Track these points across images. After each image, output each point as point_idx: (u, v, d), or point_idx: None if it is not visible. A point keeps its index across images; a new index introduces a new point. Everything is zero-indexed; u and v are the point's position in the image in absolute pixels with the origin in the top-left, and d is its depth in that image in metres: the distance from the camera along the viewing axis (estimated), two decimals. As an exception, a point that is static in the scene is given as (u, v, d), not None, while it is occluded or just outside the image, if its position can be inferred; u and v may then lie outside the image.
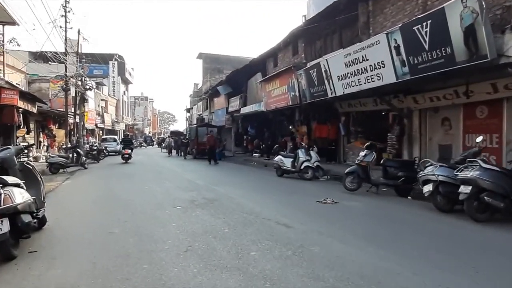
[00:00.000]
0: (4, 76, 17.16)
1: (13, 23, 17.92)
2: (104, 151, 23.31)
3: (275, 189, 9.78)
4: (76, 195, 9.15)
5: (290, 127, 20.25)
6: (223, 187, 9.75)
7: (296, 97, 14.79)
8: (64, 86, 19.18)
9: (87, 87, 21.53)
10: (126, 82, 57.01)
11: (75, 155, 17.17)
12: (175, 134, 42.40)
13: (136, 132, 62.08)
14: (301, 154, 11.64)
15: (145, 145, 50.44)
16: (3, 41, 17.67)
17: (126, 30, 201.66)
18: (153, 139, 57.45)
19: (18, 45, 19.19)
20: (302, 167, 11.46)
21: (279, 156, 12.49)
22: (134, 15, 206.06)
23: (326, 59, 11.93)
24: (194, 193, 8.58)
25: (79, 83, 20.86)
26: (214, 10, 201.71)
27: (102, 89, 41.06)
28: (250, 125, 22.39)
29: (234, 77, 25.53)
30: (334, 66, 11.50)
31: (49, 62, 22.92)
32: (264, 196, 8.47)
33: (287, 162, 12.08)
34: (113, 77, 49.02)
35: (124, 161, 19.22)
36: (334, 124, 15.01)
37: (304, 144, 12.10)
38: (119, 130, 49.57)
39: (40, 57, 30.17)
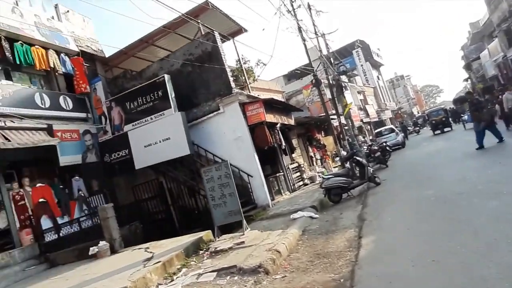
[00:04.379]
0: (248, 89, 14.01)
1: (240, 30, 15.02)
2: (387, 147, 16.74)
3: None
4: None
5: None
6: None
7: None
8: (315, 76, 14.05)
9: (341, 69, 15.80)
10: (376, 66, 49.88)
11: (353, 165, 11.49)
12: (459, 101, 30.92)
13: (405, 116, 53.07)
14: None
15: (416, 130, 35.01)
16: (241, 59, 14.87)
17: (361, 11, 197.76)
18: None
19: (264, 64, 16.93)
20: None
21: None
22: None
23: None
24: None
25: (329, 68, 15.37)
26: None
27: (355, 81, 35.82)
28: None
29: None
30: None
31: (301, 78, 19.58)
32: None
33: None
34: (362, 65, 43.66)
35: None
36: None
37: None
38: (385, 120, 42.59)
39: (292, 76, 31.61)
